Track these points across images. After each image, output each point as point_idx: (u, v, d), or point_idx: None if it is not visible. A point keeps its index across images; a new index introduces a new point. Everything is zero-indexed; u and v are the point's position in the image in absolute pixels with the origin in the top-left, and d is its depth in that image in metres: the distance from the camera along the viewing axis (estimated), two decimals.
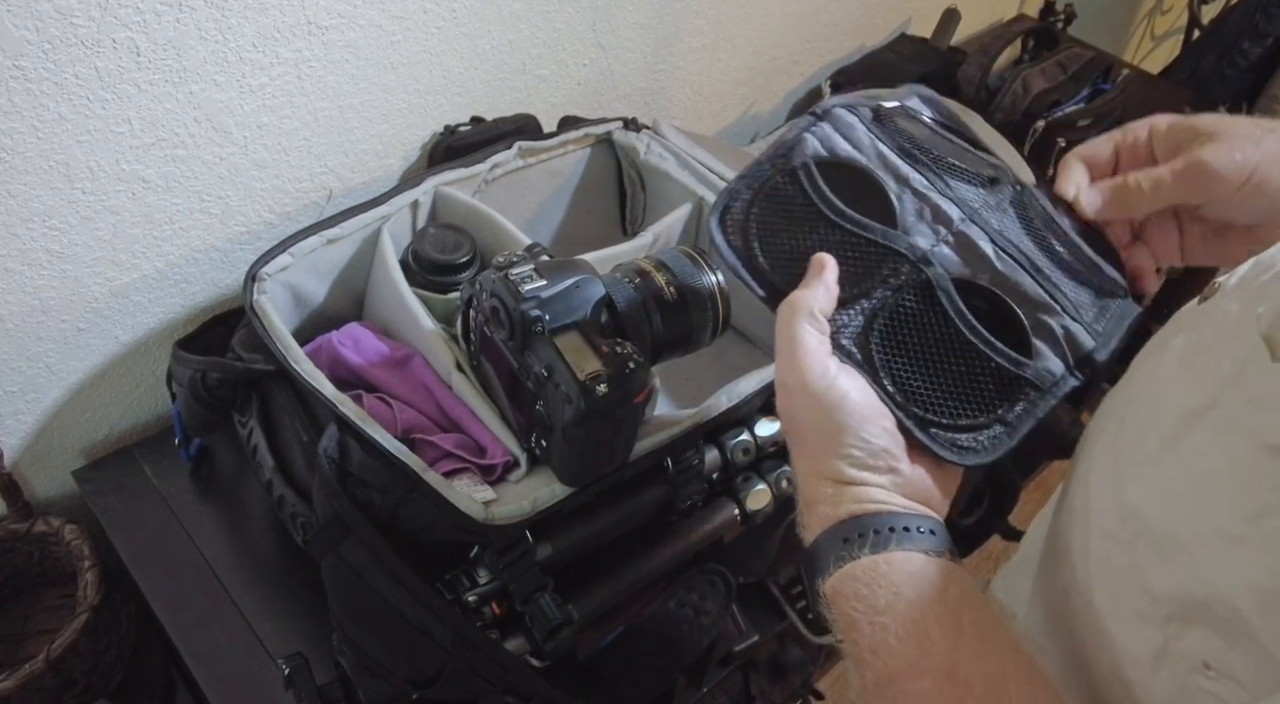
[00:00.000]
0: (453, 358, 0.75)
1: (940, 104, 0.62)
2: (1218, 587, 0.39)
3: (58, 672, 0.76)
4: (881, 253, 0.52)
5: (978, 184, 0.57)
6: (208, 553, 0.80)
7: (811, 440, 0.47)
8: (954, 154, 0.58)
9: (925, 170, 0.56)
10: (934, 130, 0.60)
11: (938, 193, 0.55)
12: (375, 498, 0.67)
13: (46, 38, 0.66)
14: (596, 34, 1.04)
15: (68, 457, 0.89)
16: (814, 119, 0.57)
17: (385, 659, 0.66)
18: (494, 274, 0.66)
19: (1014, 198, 0.57)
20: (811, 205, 0.53)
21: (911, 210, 0.54)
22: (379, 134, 0.92)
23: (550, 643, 0.68)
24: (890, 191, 0.55)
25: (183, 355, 0.78)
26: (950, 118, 0.62)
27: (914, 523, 0.44)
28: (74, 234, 0.76)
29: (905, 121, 0.59)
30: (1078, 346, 0.52)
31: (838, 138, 0.56)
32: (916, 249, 0.53)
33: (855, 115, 0.57)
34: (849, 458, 0.46)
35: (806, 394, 0.46)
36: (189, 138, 0.78)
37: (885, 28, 1.46)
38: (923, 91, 0.62)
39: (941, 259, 0.53)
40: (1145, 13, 2.18)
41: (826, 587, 0.43)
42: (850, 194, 0.54)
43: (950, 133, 0.61)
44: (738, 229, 0.54)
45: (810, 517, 0.47)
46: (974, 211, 0.55)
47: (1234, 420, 0.41)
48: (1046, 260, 0.54)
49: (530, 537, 0.69)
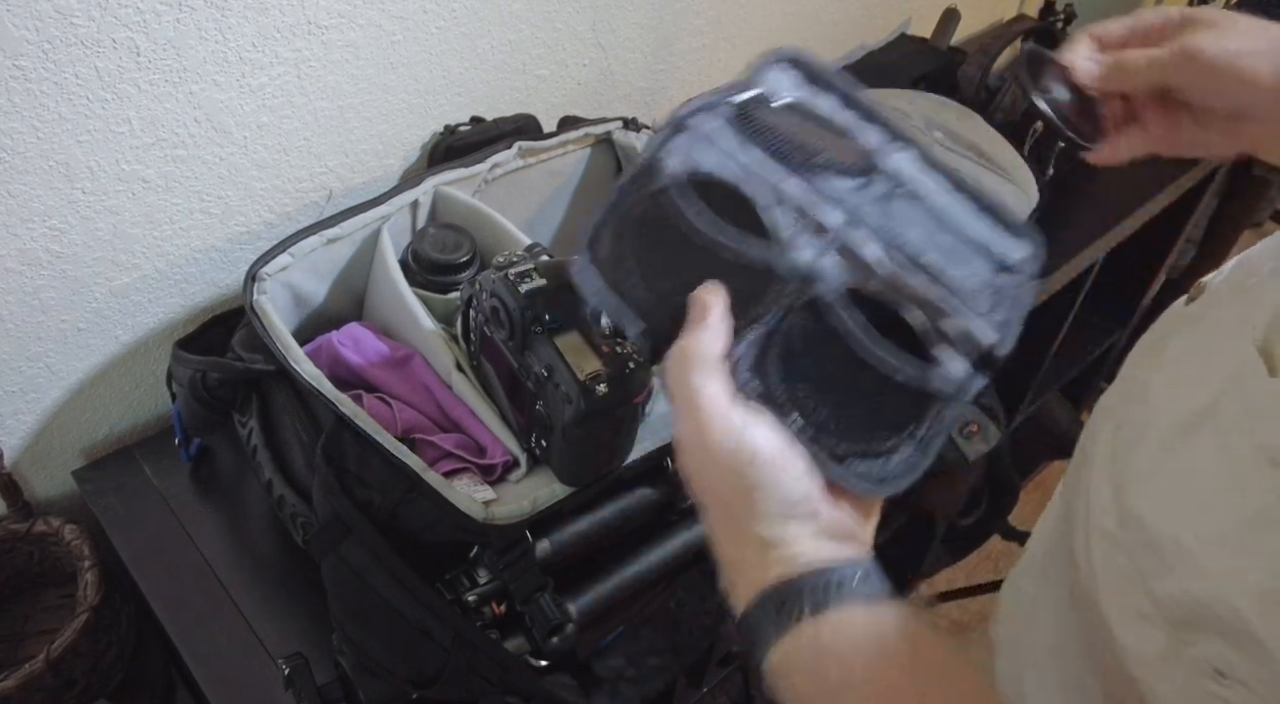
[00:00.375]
0: (453, 358, 0.75)
1: (808, 65, 0.55)
2: (1220, 589, 0.40)
3: (58, 672, 0.76)
4: (765, 275, 0.48)
5: (855, 174, 0.52)
6: (208, 553, 0.80)
7: (726, 504, 0.44)
8: (827, 144, 0.53)
9: (798, 172, 0.51)
10: (802, 115, 0.54)
11: (816, 196, 0.51)
12: (375, 498, 0.67)
13: (46, 37, 0.66)
14: (596, 34, 1.04)
15: (68, 456, 0.89)
16: (672, 131, 0.51)
17: (385, 659, 0.66)
18: (494, 274, 0.67)
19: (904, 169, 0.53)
20: (680, 232, 0.48)
21: (790, 223, 0.50)
22: (379, 134, 0.92)
23: (550, 643, 0.68)
24: (763, 206, 0.50)
25: (183, 355, 0.78)
26: (820, 77, 0.55)
27: (848, 573, 0.41)
28: (74, 234, 0.76)
29: (768, 113, 0.54)
30: (978, 343, 0.49)
31: (699, 150, 0.51)
32: (800, 265, 0.48)
33: (715, 119, 0.52)
34: (767, 516, 0.43)
35: (712, 456, 0.43)
36: (189, 138, 0.78)
37: (885, 27, 1.46)
38: (787, 53, 0.55)
39: (828, 271, 0.49)
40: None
41: (770, 664, 0.40)
42: (723, 212, 0.49)
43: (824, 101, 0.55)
44: (610, 266, 0.49)
45: (738, 584, 0.43)
46: (855, 210, 0.51)
47: (1233, 430, 0.41)
48: (937, 248, 0.51)
49: (530, 536, 0.70)
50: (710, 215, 0.49)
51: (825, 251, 0.49)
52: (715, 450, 0.43)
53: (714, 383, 0.44)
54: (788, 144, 0.52)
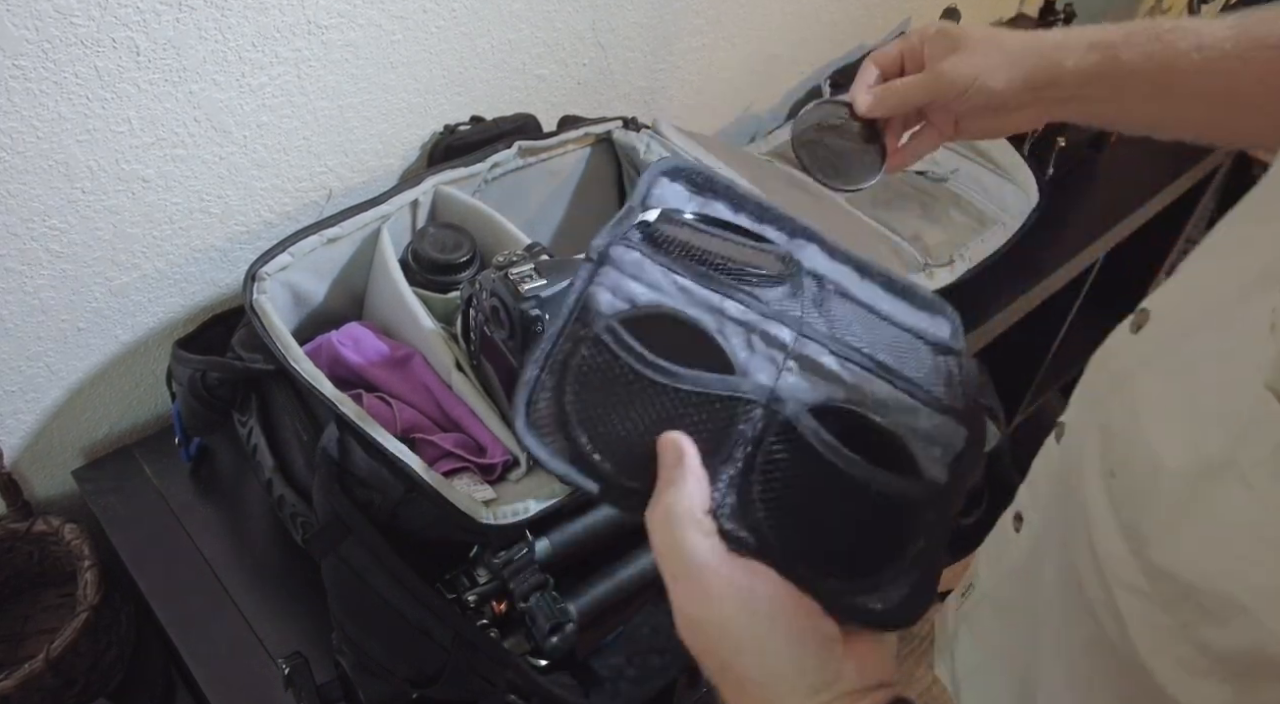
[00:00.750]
0: (452, 357, 0.75)
1: (690, 174, 0.53)
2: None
3: (57, 671, 0.76)
4: (730, 406, 0.45)
5: (782, 282, 0.51)
6: (208, 552, 0.80)
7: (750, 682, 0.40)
8: (745, 256, 0.51)
9: (731, 291, 0.49)
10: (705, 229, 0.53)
11: (757, 314, 0.49)
12: (375, 498, 0.67)
13: (46, 37, 0.66)
14: (596, 33, 1.04)
15: (67, 456, 0.89)
16: (594, 267, 0.48)
17: (385, 659, 0.66)
18: (494, 274, 0.67)
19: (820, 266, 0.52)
20: (634, 373, 0.44)
21: (741, 345, 0.48)
22: (379, 133, 0.92)
23: (550, 642, 0.68)
24: (713, 332, 0.47)
25: (182, 355, 0.78)
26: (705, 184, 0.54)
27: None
28: (74, 234, 0.76)
29: (679, 231, 0.51)
30: (951, 439, 0.48)
31: (629, 282, 0.48)
32: (763, 388, 0.46)
33: (632, 248, 0.49)
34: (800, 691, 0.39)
35: (729, 629, 0.39)
36: (189, 137, 0.78)
37: (885, 27, 1.46)
38: (667, 166, 0.53)
39: (790, 390, 0.46)
40: (1145, 12, 2.18)
41: None
42: (670, 347, 0.45)
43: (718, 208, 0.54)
44: (553, 426, 0.44)
45: None
46: (799, 322, 0.49)
47: (1262, 476, 0.39)
48: (883, 346, 0.50)
49: (530, 536, 0.70)
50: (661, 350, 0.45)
51: (785, 368, 0.47)
52: (729, 624, 0.39)
53: (707, 539, 0.40)
54: (711, 265, 0.50)
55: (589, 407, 0.44)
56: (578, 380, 0.45)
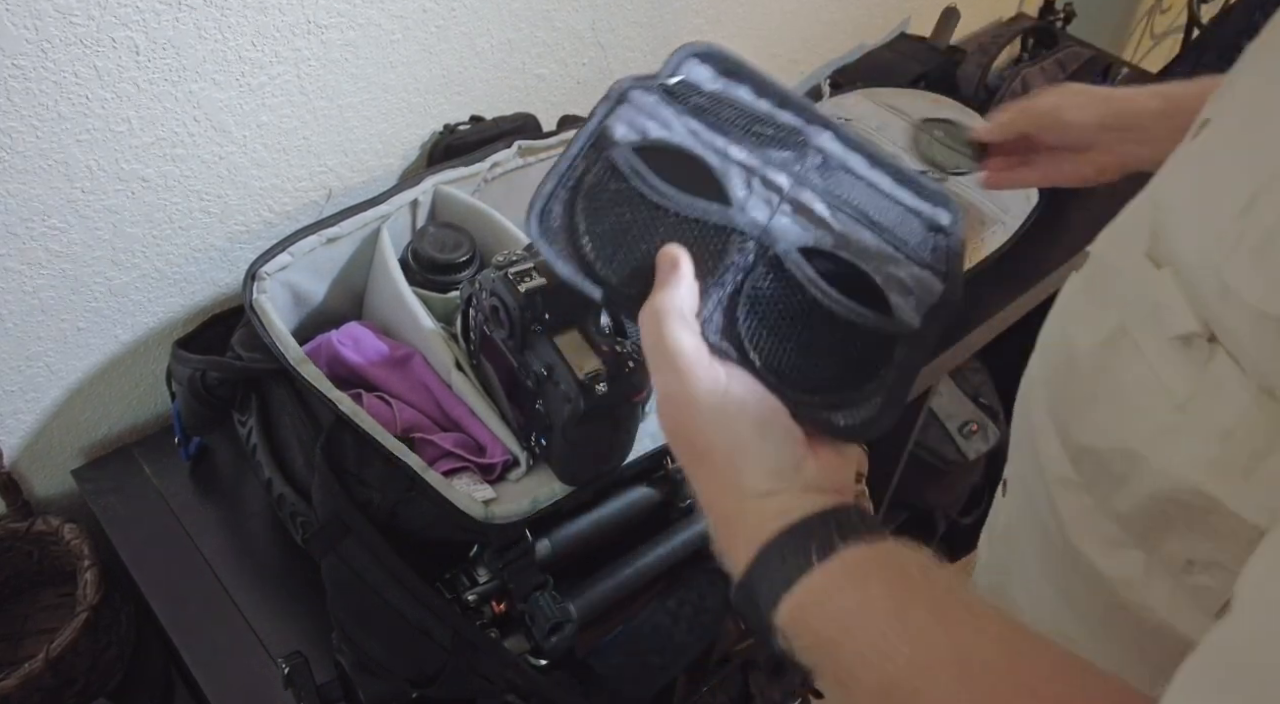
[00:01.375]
0: (452, 357, 0.75)
1: (721, 59, 0.56)
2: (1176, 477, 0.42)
3: (57, 671, 0.76)
4: (725, 235, 0.49)
5: (790, 146, 0.54)
6: (208, 552, 0.80)
7: (717, 459, 0.43)
8: (757, 119, 0.55)
9: (740, 140, 0.53)
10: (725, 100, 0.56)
11: (761, 161, 0.53)
12: (375, 497, 0.67)
13: (45, 37, 0.66)
14: (596, 33, 1.04)
15: (67, 456, 0.89)
16: (613, 103, 0.52)
17: (385, 658, 0.66)
18: (494, 273, 0.66)
19: (828, 146, 0.55)
20: (641, 196, 0.49)
21: (741, 184, 0.52)
22: (378, 133, 0.92)
23: (550, 642, 0.68)
24: (716, 168, 0.52)
25: (182, 354, 0.78)
26: (733, 69, 0.57)
27: (844, 517, 0.41)
28: (74, 233, 0.76)
29: (695, 96, 0.55)
30: (927, 291, 0.52)
31: (645, 120, 0.53)
32: (756, 224, 0.50)
33: (651, 94, 0.53)
34: (761, 470, 0.43)
35: (702, 410, 0.43)
36: (188, 137, 0.78)
37: (885, 27, 1.46)
38: (699, 48, 0.56)
39: (782, 230, 0.51)
40: (1145, 11, 2.18)
41: (782, 617, 0.40)
42: (675, 178, 0.50)
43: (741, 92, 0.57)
44: (563, 234, 0.49)
45: (734, 544, 0.43)
46: (799, 174, 0.53)
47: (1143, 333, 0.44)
48: (877, 206, 0.53)
49: (530, 535, 0.70)
50: (667, 180, 0.50)
51: (778, 210, 0.51)
52: (704, 404, 0.43)
53: (693, 337, 0.44)
54: (724, 117, 0.54)
55: (597, 221, 0.49)
56: (588, 197, 0.49)
